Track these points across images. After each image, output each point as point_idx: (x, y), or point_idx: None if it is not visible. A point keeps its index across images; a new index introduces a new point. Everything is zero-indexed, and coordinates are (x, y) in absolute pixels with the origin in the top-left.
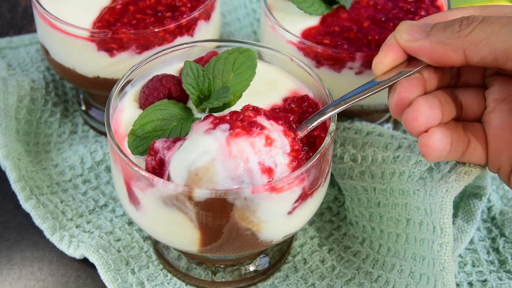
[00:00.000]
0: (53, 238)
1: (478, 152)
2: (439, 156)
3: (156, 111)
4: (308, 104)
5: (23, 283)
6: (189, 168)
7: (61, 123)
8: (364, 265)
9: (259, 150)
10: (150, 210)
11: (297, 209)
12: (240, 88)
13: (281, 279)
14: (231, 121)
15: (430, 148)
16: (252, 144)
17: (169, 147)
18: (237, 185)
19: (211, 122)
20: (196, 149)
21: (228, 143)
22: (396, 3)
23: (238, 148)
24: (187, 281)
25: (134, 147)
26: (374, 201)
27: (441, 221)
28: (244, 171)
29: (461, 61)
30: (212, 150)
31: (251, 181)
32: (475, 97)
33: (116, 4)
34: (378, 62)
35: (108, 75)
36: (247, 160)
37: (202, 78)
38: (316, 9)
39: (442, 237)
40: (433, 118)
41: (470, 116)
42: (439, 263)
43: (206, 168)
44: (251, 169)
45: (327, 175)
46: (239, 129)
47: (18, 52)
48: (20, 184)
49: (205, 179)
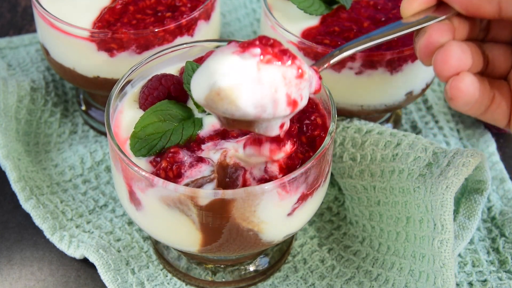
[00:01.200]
0: (53, 238)
1: (502, 109)
2: (467, 102)
3: (157, 112)
4: (309, 103)
5: (23, 283)
6: (212, 86)
7: (61, 123)
8: (364, 264)
9: (290, 81)
10: (150, 210)
11: (297, 209)
12: None
13: (281, 279)
14: (261, 46)
15: (461, 91)
16: (284, 73)
17: (192, 165)
18: (259, 113)
19: (239, 45)
20: (222, 68)
21: (259, 69)
22: (396, 3)
23: (269, 75)
24: (187, 281)
25: (136, 149)
26: (374, 199)
27: (442, 218)
28: (270, 101)
29: (494, 13)
30: (240, 73)
31: (275, 111)
32: (503, 54)
33: (116, 4)
34: (407, 4)
35: (108, 75)
36: (276, 90)
37: None
38: (316, 9)
39: (443, 233)
40: (465, 62)
41: (496, 73)
42: (439, 259)
43: (230, 90)
44: (278, 99)
45: (327, 175)
46: (270, 55)
47: (18, 52)
48: (20, 184)
49: (226, 101)
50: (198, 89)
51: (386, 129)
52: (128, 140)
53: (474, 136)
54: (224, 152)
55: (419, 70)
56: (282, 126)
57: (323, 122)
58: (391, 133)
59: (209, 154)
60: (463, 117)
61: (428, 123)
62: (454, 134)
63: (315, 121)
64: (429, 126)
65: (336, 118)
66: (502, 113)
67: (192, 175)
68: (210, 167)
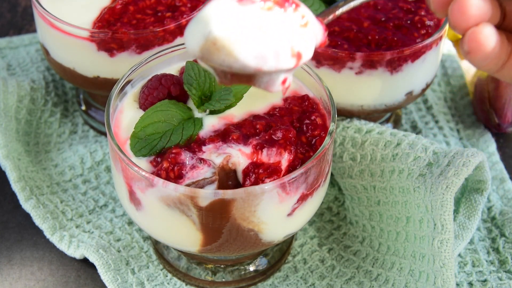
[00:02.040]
0: (53, 238)
1: None
2: (486, 56)
3: (157, 112)
4: (309, 103)
5: (23, 283)
6: (207, 35)
7: (61, 123)
8: (364, 264)
9: (293, 30)
10: (150, 210)
11: (297, 209)
12: (242, 89)
13: (281, 279)
14: None
15: (481, 44)
16: (287, 21)
17: (193, 166)
18: (259, 65)
19: None
20: (218, 15)
21: (259, 16)
22: (396, 3)
23: (270, 23)
24: (187, 281)
25: (136, 149)
26: (374, 199)
27: (442, 218)
28: (271, 51)
29: None
30: (237, 20)
31: (277, 63)
32: None
33: (116, 4)
34: None
35: (108, 75)
36: (278, 39)
37: (203, 79)
38: (316, 9)
39: (443, 233)
40: (485, 12)
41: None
42: (439, 259)
43: (228, 39)
44: (280, 50)
45: (327, 175)
46: (271, 1)
47: (18, 52)
48: (20, 184)
49: (224, 52)
50: (192, 39)
51: (386, 129)
52: (128, 140)
53: (474, 136)
54: (227, 157)
55: (419, 70)
56: (285, 81)
57: (323, 122)
58: (391, 133)
59: (211, 157)
60: (463, 117)
61: (428, 123)
62: (454, 134)
63: (315, 121)
64: (429, 126)
65: (336, 118)
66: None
67: (193, 177)
68: (212, 169)
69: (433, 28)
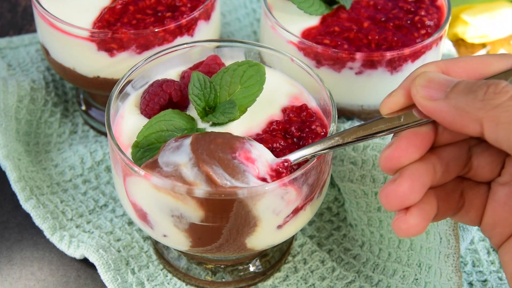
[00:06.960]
0: (53, 238)
1: (471, 217)
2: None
3: (160, 122)
4: (307, 114)
5: (23, 283)
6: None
7: (61, 123)
8: (365, 269)
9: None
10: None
11: (288, 223)
12: (246, 103)
13: (281, 279)
14: None
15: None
16: None
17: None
18: None
19: None
20: None
21: None
22: (396, 3)
23: None
24: (187, 281)
25: (137, 158)
26: (373, 205)
27: (447, 233)
28: None
29: (477, 134)
30: None
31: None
32: (491, 163)
33: (116, 4)
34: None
35: (108, 75)
36: None
37: (208, 90)
38: (316, 9)
39: (449, 248)
40: (413, 199)
41: (477, 178)
42: (447, 273)
43: None
44: None
45: (323, 186)
46: None
47: (18, 52)
48: (20, 184)
49: None
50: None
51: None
52: (129, 148)
53: None
54: None
55: None
56: None
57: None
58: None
59: None
60: None
61: None
62: None
63: (315, 130)
64: None
65: (336, 118)
66: (470, 220)
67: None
68: None
69: (433, 28)
